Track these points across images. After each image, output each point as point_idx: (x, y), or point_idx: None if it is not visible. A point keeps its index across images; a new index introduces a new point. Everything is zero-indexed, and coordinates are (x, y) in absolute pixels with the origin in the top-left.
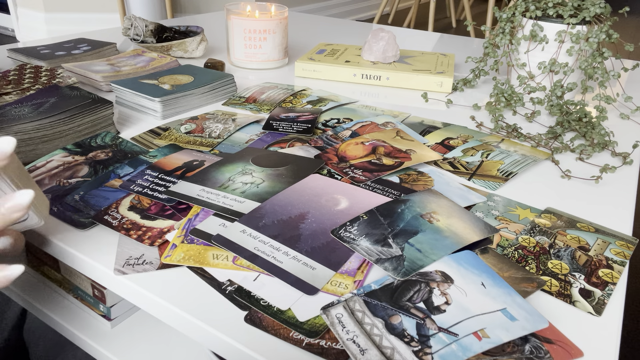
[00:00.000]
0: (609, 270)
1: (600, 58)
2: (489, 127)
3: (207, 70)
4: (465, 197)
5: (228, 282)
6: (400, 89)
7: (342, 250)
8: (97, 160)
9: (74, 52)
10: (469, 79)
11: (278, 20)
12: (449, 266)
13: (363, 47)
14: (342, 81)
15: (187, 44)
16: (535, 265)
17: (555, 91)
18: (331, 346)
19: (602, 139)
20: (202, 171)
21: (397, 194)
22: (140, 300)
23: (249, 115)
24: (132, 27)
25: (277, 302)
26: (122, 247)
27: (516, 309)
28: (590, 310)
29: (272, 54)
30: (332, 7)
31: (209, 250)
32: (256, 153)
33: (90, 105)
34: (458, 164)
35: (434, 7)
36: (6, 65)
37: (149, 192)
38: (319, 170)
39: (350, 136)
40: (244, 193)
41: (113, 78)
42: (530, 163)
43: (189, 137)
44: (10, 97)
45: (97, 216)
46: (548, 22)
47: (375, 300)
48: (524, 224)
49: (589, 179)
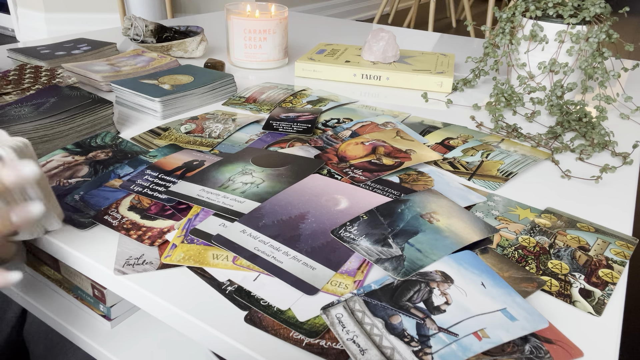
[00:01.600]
0: (609, 270)
1: (600, 58)
2: (489, 127)
3: (207, 70)
4: (465, 197)
5: (228, 282)
6: (400, 89)
7: (342, 250)
8: (97, 160)
9: (74, 52)
10: (469, 79)
11: (278, 20)
12: (449, 266)
13: (363, 47)
14: (342, 81)
15: (187, 44)
16: (535, 265)
17: (555, 91)
18: (331, 346)
19: (602, 139)
20: (202, 171)
21: (397, 194)
22: (140, 300)
23: (249, 115)
24: (132, 27)
25: (277, 302)
26: (122, 247)
27: (516, 309)
28: (590, 310)
29: (272, 54)
30: (332, 7)
31: (209, 250)
32: (256, 153)
33: (90, 105)
34: (458, 164)
35: (434, 7)
36: (6, 65)
37: (149, 192)
38: (319, 170)
39: (350, 136)
40: (244, 193)
41: (113, 78)
42: (530, 163)
43: (189, 137)
44: (10, 97)
45: (97, 216)
46: (548, 22)
47: (375, 300)
48: (524, 224)
49: (589, 179)
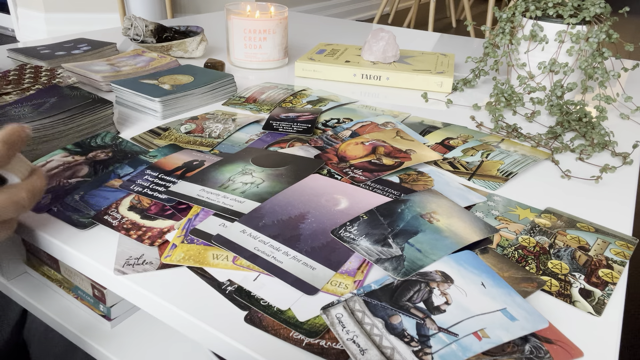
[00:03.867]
0: (609, 270)
1: (600, 58)
2: (489, 127)
3: (207, 70)
4: (465, 197)
5: (228, 282)
6: (400, 89)
7: (342, 250)
8: (97, 160)
9: (74, 52)
10: (469, 79)
11: (278, 20)
12: (449, 266)
13: (363, 47)
14: (342, 81)
15: (187, 44)
16: (535, 265)
17: (555, 91)
18: (331, 346)
19: (602, 139)
20: (202, 171)
21: (397, 194)
22: (140, 300)
23: (249, 115)
24: (132, 27)
25: (277, 302)
26: (122, 247)
27: (516, 309)
28: (590, 310)
29: (272, 54)
30: (332, 7)
31: (209, 250)
32: (256, 153)
33: (90, 105)
34: (458, 164)
35: (434, 7)
36: (6, 65)
37: (149, 192)
38: (319, 170)
39: (350, 136)
40: (244, 193)
41: (113, 78)
42: (530, 163)
43: (189, 137)
44: (10, 97)
45: (97, 216)
46: (548, 22)
47: (375, 300)
48: (524, 224)
49: (589, 179)
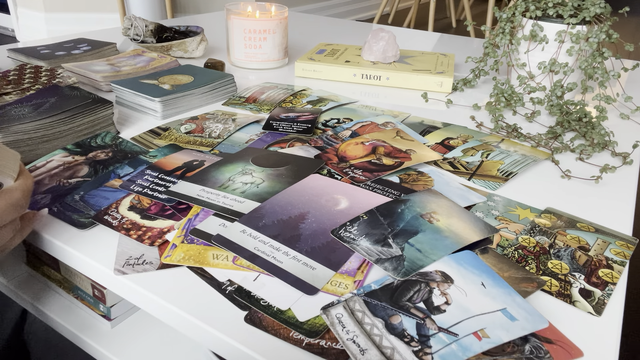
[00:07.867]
0: (609, 270)
1: (600, 58)
2: (489, 127)
3: (207, 70)
4: (465, 197)
5: (228, 282)
6: (400, 89)
7: (342, 250)
8: (97, 160)
9: (74, 52)
10: (469, 79)
11: (278, 20)
12: (449, 266)
13: (363, 47)
14: (342, 81)
15: (187, 44)
16: (535, 265)
17: (555, 91)
18: (331, 346)
19: (602, 139)
20: (202, 171)
21: (397, 194)
22: (140, 300)
23: (249, 115)
24: (132, 27)
25: (277, 302)
26: (122, 247)
27: (516, 309)
28: (590, 310)
29: (272, 54)
30: (332, 7)
31: (209, 250)
32: (256, 153)
33: (90, 105)
34: (458, 164)
35: (434, 7)
36: (6, 65)
37: (149, 192)
38: (319, 170)
39: (350, 136)
40: (244, 193)
41: (113, 78)
42: (530, 163)
43: (189, 137)
44: (10, 97)
45: (97, 216)
46: (548, 22)
47: (375, 300)
48: (524, 224)
49: (589, 179)
